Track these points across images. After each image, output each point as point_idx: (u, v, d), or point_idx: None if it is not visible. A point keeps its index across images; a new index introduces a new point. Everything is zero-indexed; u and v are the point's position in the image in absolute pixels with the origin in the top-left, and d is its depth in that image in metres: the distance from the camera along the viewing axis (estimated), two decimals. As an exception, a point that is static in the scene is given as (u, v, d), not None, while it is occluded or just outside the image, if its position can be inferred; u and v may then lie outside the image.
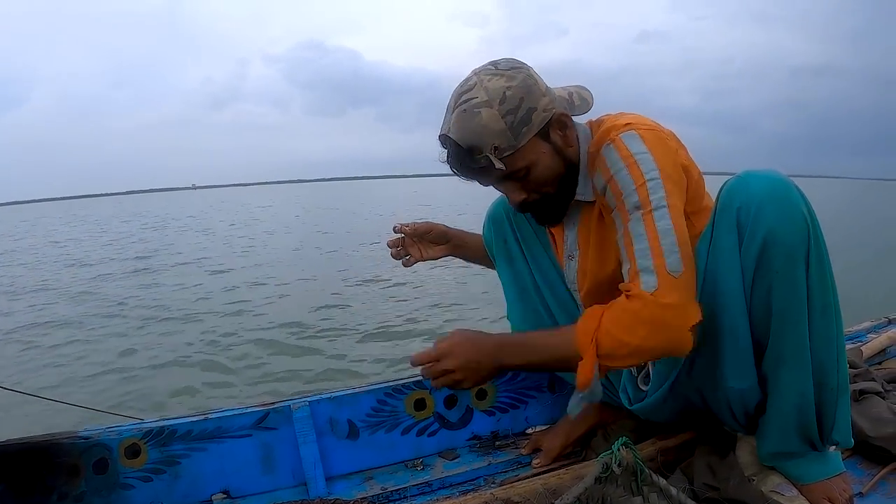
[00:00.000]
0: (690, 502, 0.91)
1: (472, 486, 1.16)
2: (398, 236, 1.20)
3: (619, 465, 0.94)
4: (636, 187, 0.87)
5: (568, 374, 1.23)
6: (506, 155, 0.90)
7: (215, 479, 1.14)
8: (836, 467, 1.00)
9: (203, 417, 1.13)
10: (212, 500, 1.13)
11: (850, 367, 1.14)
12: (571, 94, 1.00)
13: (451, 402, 1.27)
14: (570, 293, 1.17)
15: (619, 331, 0.84)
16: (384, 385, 1.22)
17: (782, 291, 0.82)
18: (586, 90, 1.03)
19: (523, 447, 1.25)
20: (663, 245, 0.84)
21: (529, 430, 1.31)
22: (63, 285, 7.41)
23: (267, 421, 1.15)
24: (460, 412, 1.27)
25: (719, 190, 0.86)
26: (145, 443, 1.10)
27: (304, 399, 1.18)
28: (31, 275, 8.53)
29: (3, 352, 4.42)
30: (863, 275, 5.54)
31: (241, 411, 1.15)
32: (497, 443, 1.28)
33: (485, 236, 1.24)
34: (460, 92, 0.92)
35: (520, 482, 1.07)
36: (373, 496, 1.12)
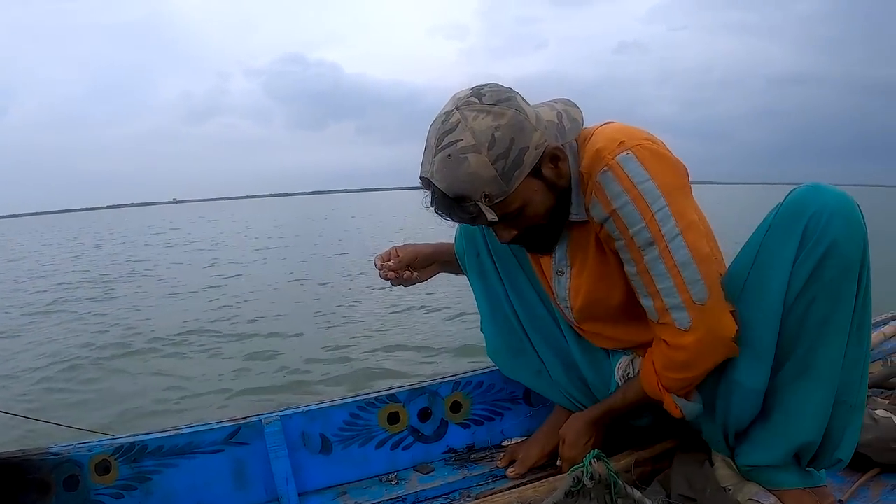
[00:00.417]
0: (666, 515, 0.89)
1: (448, 500, 1.14)
2: (386, 266, 1.12)
3: (591, 479, 0.92)
4: (646, 223, 0.84)
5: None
6: (497, 202, 0.83)
7: (187, 495, 1.12)
8: (818, 479, 0.97)
9: (174, 433, 1.11)
10: (183, 517, 1.11)
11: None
12: (560, 115, 0.90)
13: (425, 415, 1.25)
14: (547, 311, 1.14)
15: (678, 373, 0.92)
16: (357, 398, 1.20)
17: (829, 303, 0.81)
18: (574, 107, 0.94)
19: (499, 460, 1.22)
20: (685, 277, 0.84)
21: (505, 443, 1.29)
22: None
23: (238, 436, 1.13)
24: (435, 425, 1.25)
25: (786, 195, 0.84)
26: (116, 459, 1.09)
27: (276, 413, 1.16)
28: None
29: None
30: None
31: (212, 426, 1.13)
32: (473, 456, 1.26)
33: (457, 249, 1.20)
34: (442, 132, 0.82)
35: (495, 495, 1.05)
36: (345, 511, 1.10)
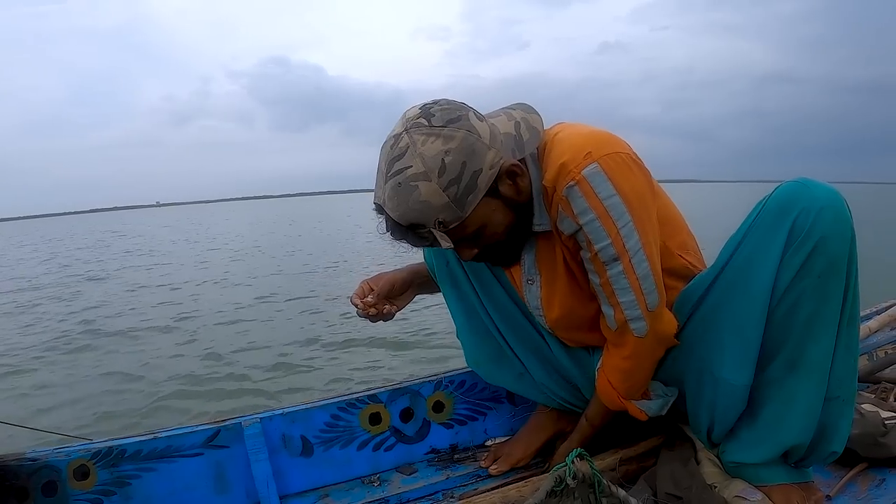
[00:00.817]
0: (651, 513, 0.87)
1: (431, 501, 1.12)
2: (366, 303, 1.06)
3: (574, 478, 0.89)
4: (611, 240, 0.83)
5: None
6: (452, 227, 0.81)
7: (167, 499, 1.09)
8: (806, 474, 0.95)
9: (152, 436, 1.09)
10: (163, 522, 1.08)
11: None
12: (518, 125, 0.87)
13: (407, 415, 1.22)
14: (523, 314, 1.12)
15: (634, 379, 0.98)
16: (337, 399, 1.18)
17: (818, 298, 0.80)
18: (533, 113, 0.90)
19: (483, 459, 1.20)
20: (644, 289, 0.87)
21: (489, 442, 1.26)
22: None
23: (218, 439, 1.11)
24: (417, 426, 1.23)
25: (773, 190, 0.83)
26: (94, 464, 1.06)
27: (256, 416, 1.13)
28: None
29: None
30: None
31: (191, 429, 1.11)
32: (456, 456, 1.23)
33: (426, 260, 1.16)
34: (391, 157, 0.78)
35: (478, 496, 1.03)
36: (327, 514, 1.07)
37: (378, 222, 0.84)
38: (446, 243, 0.81)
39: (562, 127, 0.92)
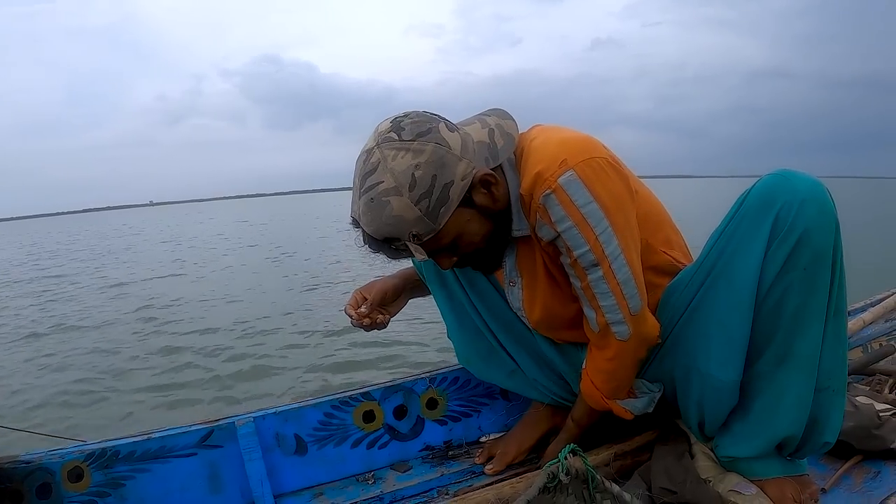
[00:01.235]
0: (646, 508, 0.85)
1: (425, 499, 1.10)
2: (360, 314, 1.04)
3: (567, 474, 0.88)
4: (590, 246, 0.83)
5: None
6: (426, 239, 0.80)
7: (162, 500, 1.08)
8: (800, 467, 0.94)
9: (146, 437, 1.08)
10: (157, 523, 1.07)
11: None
12: (492, 132, 0.86)
13: (400, 412, 1.21)
14: (512, 312, 1.09)
15: (618, 380, 0.96)
16: (331, 398, 1.16)
17: (804, 290, 0.79)
18: (508, 118, 0.90)
19: (477, 456, 1.18)
20: (625, 293, 0.86)
21: (483, 439, 1.25)
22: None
23: (211, 438, 1.10)
24: (411, 423, 1.21)
25: (754, 183, 0.82)
26: (88, 465, 1.05)
27: (249, 415, 1.12)
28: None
29: None
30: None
31: (184, 429, 1.09)
32: (450, 453, 1.22)
33: (414, 261, 1.13)
34: (364, 173, 0.78)
35: (472, 492, 1.01)
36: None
37: (356, 236, 0.84)
38: (421, 255, 0.81)
39: (539, 131, 0.90)
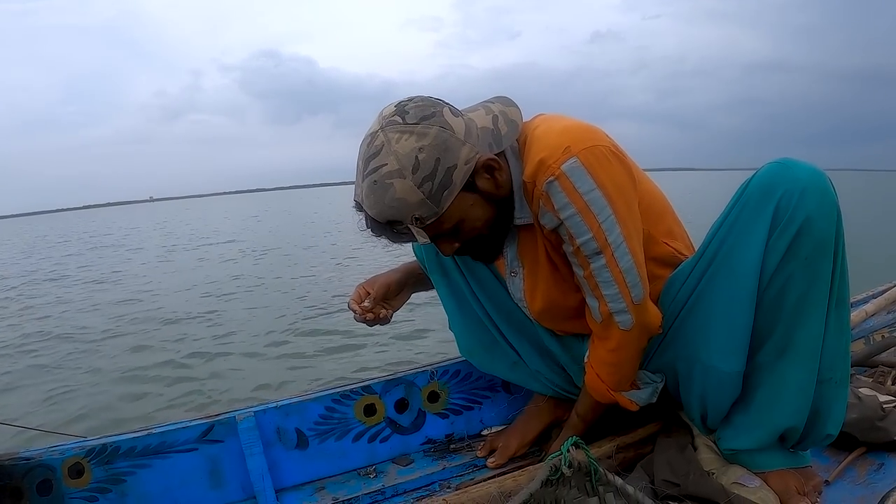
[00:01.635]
0: (648, 501, 0.84)
1: (427, 492, 1.09)
2: (363, 308, 1.05)
3: (570, 467, 0.87)
4: (593, 234, 0.81)
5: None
6: (429, 223, 0.79)
7: (162, 495, 1.07)
8: (803, 459, 0.93)
9: (146, 433, 1.06)
10: (158, 518, 1.05)
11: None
12: (496, 118, 0.85)
13: (402, 406, 1.19)
14: (514, 302, 1.07)
15: (622, 371, 0.95)
16: (331, 391, 1.15)
17: (806, 280, 0.78)
18: (512, 105, 0.88)
19: (479, 449, 1.17)
20: (628, 282, 0.85)
21: (485, 432, 1.23)
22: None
23: (212, 433, 1.08)
24: (412, 416, 1.20)
25: (754, 173, 0.81)
26: (89, 461, 1.03)
27: (250, 409, 1.10)
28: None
29: None
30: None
31: (185, 424, 1.08)
32: (452, 446, 1.20)
33: (415, 252, 1.13)
34: (368, 156, 0.78)
35: (474, 486, 1.00)
36: (323, 507, 1.05)
37: (358, 219, 0.83)
38: (423, 239, 0.80)
39: (542, 120, 0.89)
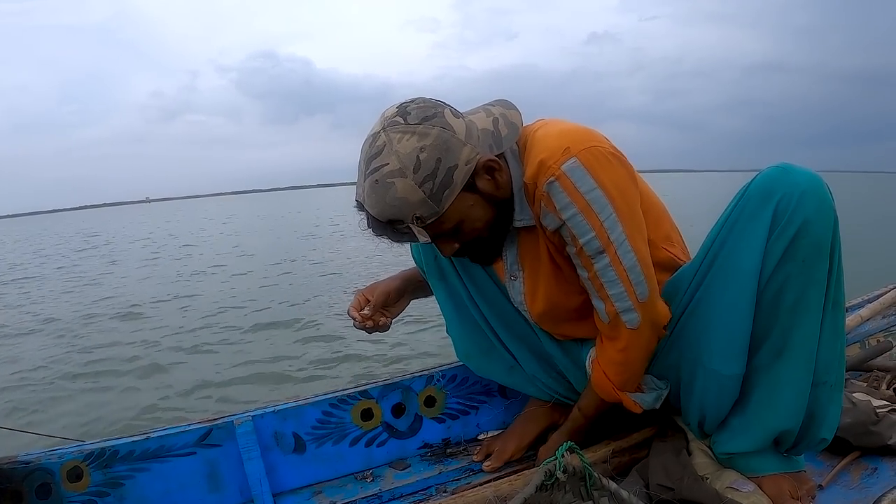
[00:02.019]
0: (643, 505, 0.83)
1: (423, 496, 1.08)
2: (363, 316, 1.04)
3: (565, 472, 0.86)
4: (595, 233, 0.81)
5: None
6: (430, 222, 0.79)
7: (161, 499, 1.06)
8: (797, 464, 0.92)
9: (145, 437, 1.06)
10: (157, 522, 1.05)
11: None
12: (497, 121, 0.85)
13: (399, 411, 1.19)
14: (512, 307, 1.07)
15: (629, 371, 0.94)
16: (329, 396, 1.14)
17: (802, 282, 0.78)
18: (513, 108, 0.89)
19: (475, 454, 1.17)
20: (632, 280, 0.84)
21: (481, 436, 1.23)
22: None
23: (210, 437, 1.08)
24: (409, 421, 1.20)
25: (753, 177, 0.82)
26: (87, 465, 1.03)
27: (248, 413, 1.10)
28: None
29: None
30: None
31: (183, 428, 1.08)
32: (448, 450, 1.20)
33: (414, 255, 1.12)
34: (370, 156, 0.78)
35: (471, 490, 1.00)
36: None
37: (360, 219, 0.84)
38: (424, 238, 0.80)
39: (542, 123, 0.90)
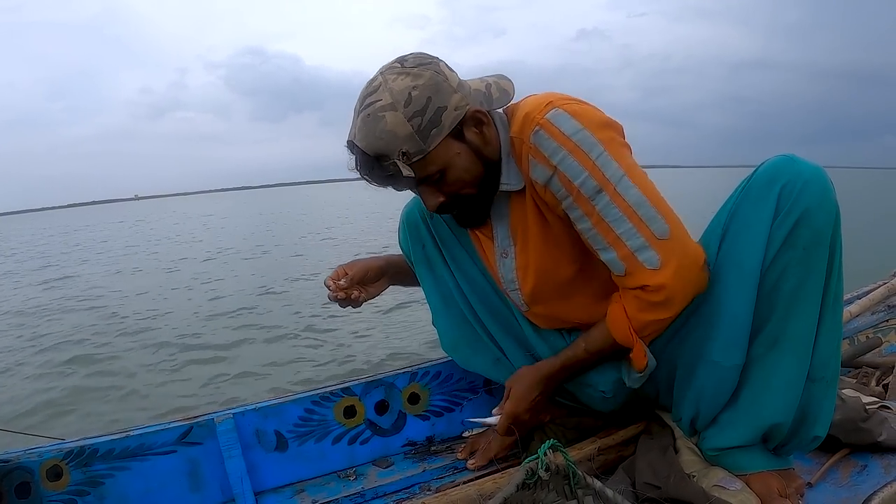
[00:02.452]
0: (627, 504, 0.81)
1: (407, 495, 1.06)
2: (338, 286, 1.03)
3: (547, 470, 0.84)
4: (588, 172, 0.79)
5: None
6: (415, 160, 0.80)
7: (141, 498, 1.04)
8: (785, 461, 0.90)
9: (124, 435, 1.04)
10: (137, 521, 1.03)
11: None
12: (489, 85, 0.88)
13: (382, 408, 1.17)
14: (499, 297, 1.06)
15: (656, 314, 0.83)
16: (311, 393, 1.12)
17: (801, 271, 0.77)
18: (506, 79, 0.91)
19: (459, 451, 1.14)
20: (643, 216, 0.79)
21: (466, 434, 1.20)
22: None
23: (191, 435, 1.06)
24: (393, 418, 1.17)
25: (758, 166, 0.81)
26: (67, 464, 1.01)
27: (229, 411, 1.08)
28: None
29: None
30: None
31: (163, 426, 1.06)
32: (433, 448, 1.18)
33: (401, 244, 1.11)
34: (365, 94, 0.81)
35: (454, 488, 0.97)
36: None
37: (349, 159, 0.85)
38: (407, 171, 0.80)
39: (529, 95, 0.91)
